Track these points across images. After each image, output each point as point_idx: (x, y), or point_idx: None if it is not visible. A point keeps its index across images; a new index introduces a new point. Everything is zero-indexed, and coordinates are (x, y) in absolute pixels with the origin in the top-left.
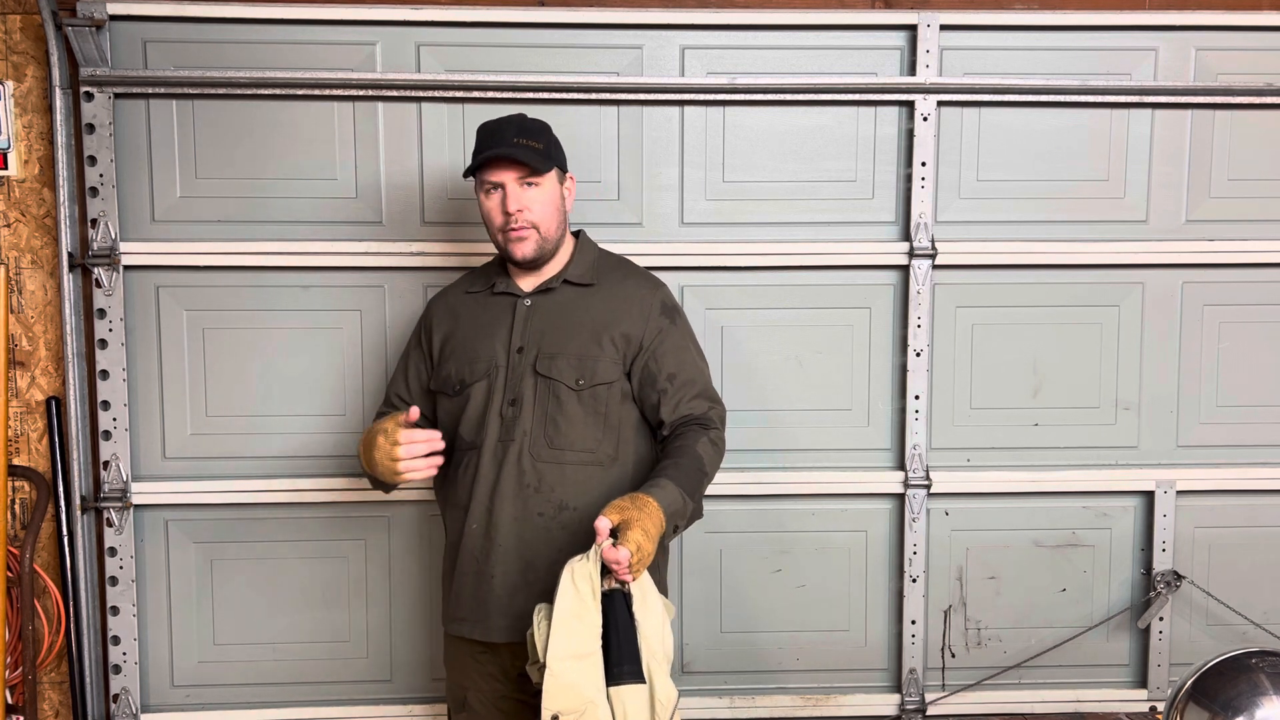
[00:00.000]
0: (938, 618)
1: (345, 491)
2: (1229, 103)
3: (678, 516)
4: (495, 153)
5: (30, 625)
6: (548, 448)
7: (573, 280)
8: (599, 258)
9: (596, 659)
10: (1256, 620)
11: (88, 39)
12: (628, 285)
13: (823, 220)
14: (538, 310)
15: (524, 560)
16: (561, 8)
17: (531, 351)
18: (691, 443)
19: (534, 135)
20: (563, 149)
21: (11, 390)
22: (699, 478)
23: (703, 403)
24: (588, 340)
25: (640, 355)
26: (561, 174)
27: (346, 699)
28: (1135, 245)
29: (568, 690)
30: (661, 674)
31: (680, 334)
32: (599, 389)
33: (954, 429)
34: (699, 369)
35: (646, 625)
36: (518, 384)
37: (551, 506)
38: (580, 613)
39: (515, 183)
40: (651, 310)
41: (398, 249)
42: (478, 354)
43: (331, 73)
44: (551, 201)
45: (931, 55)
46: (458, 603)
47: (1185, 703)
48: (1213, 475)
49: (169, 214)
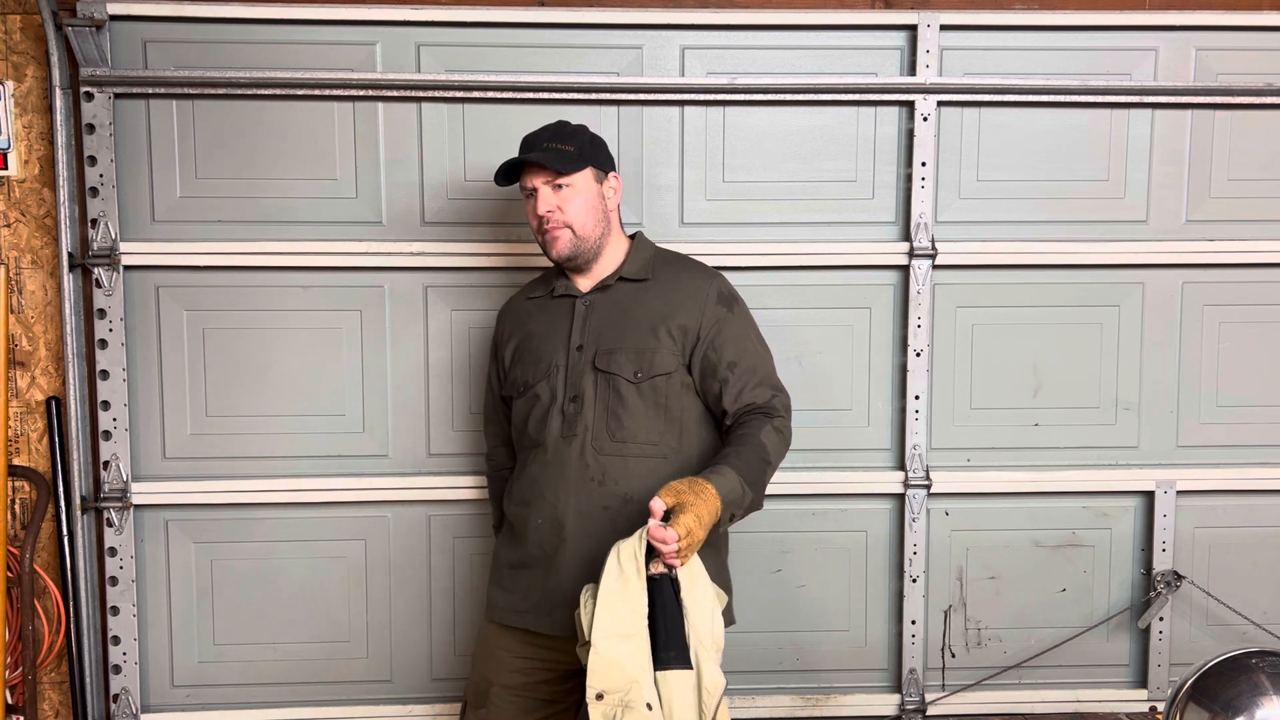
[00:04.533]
0: (938, 618)
1: (345, 491)
2: (1229, 103)
3: (735, 505)
4: (515, 159)
5: (30, 625)
6: (610, 441)
7: (628, 277)
8: (655, 254)
9: (641, 640)
10: (1256, 620)
11: (88, 39)
12: (683, 278)
13: (823, 220)
14: (596, 308)
15: (589, 554)
16: (561, 8)
17: (591, 348)
18: (755, 431)
19: (566, 139)
20: (605, 149)
21: (11, 390)
22: (762, 467)
23: (765, 390)
24: (645, 333)
25: (699, 345)
26: (601, 173)
27: (346, 699)
28: (1135, 245)
29: (612, 668)
30: (709, 661)
31: (739, 322)
32: (658, 380)
33: (954, 429)
34: (760, 356)
35: (695, 612)
36: (578, 381)
37: (616, 500)
38: (624, 591)
39: (544, 185)
40: (708, 300)
41: (398, 249)
42: (540, 355)
43: (331, 73)
44: (587, 201)
45: (931, 55)
46: (523, 594)
47: (1185, 703)
48: (1213, 475)
49: (169, 214)
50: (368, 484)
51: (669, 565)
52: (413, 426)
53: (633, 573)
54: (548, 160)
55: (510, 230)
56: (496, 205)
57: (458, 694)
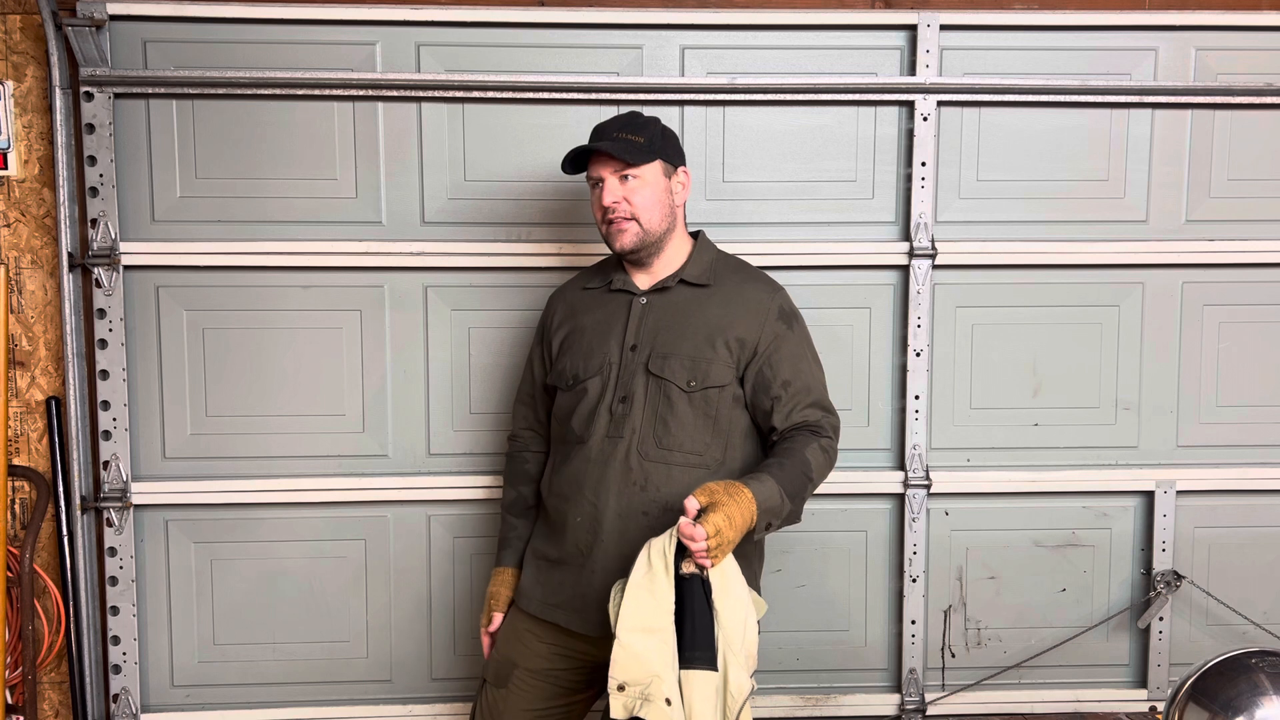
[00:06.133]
0: (938, 618)
1: (345, 491)
2: (1229, 103)
3: (772, 514)
4: (582, 147)
5: (30, 625)
6: (656, 447)
7: (690, 280)
8: (717, 259)
9: (667, 635)
10: (1256, 620)
11: (88, 39)
12: (745, 289)
13: (823, 220)
14: (653, 309)
15: (626, 557)
16: (561, 8)
17: (645, 350)
18: (801, 446)
19: (637, 130)
20: (676, 142)
21: (11, 390)
22: (803, 482)
23: (816, 411)
24: (702, 342)
25: (755, 360)
26: (671, 168)
27: (346, 699)
28: (1135, 245)
29: (634, 660)
30: (737, 666)
31: (798, 341)
32: (710, 392)
33: (954, 429)
34: (815, 377)
35: (725, 615)
36: (629, 381)
37: (656, 506)
38: (651, 587)
39: (612, 175)
40: (769, 315)
41: (398, 249)
42: (593, 350)
43: (331, 73)
44: (654, 194)
45: (931, 55)
46: (556, 589)
47: (1185, 703)
48: (1213, 475)
49: (169, 214)
50: (368, 484)
51: (700, 565)
52: (413, 426)
53: (661, 569)
54: (617, 150)
55: (511, 230)
56: (497, 205)
57: (458, 694)
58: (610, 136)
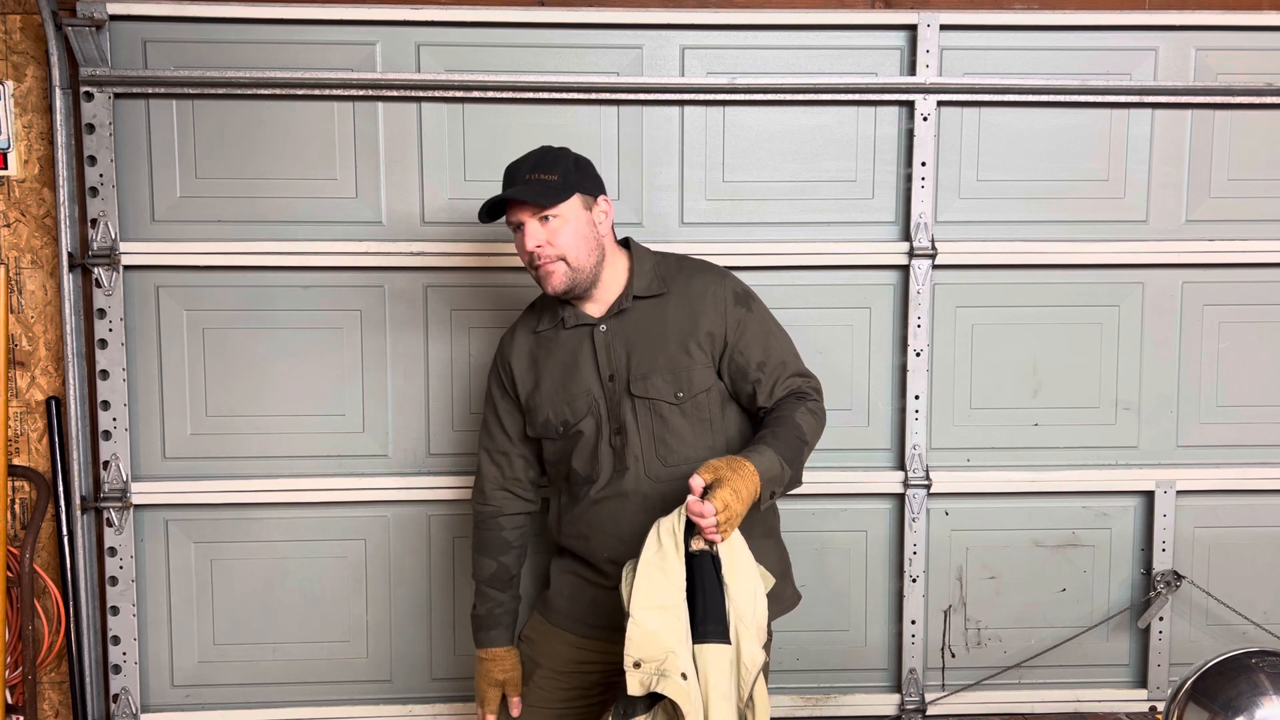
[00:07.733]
0: (938, 618)
1: (345, 491)
2: (1229, 103)
3: (774, 483)
4: (497, 197)
5: (30, 625)
6: (662, 466)
7: (643, 294)
8: (658, 263)
9: (679, 612)
10: (1256, 620)
11: (88, 39)
12: (694, 284)
13: (823, 220)
14: (617, 334)
15: None
16: (561, 8)
17: (623, 377)
18: (790, 413)
19: (549, 167)
20: (591, 171)
21: (11, 390)
22: (799, 446)
23: (796, 380)
24: (676, 350)
25: (726, 350)
26: (590, 199)
27: (346, 699)
28: (1135, 245)
29: (648, 638)
30: (749, 638)
31: (759, 319)
32: (699, 397)
33: (954, 429)
34: (786, 349)
35: (735, 590)
36: (618, 411)
37: None
38: (662, 565)
39: (531, 219)
40: (726, 303)
41: (398, 249)
42: (573, 393)
43: (331, 73)
44: (577, 229)
45: (931, 55)
46: (595, 610)
47: (1185, 703)
48: (1213, 475)
49: (169, 214)
50: (368, 484)
51: (709, 541)
52: (413, 426)
53: (671, 547)
54: (530, 195)
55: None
56: None
57: (458, 694)
58: (522, 180)
